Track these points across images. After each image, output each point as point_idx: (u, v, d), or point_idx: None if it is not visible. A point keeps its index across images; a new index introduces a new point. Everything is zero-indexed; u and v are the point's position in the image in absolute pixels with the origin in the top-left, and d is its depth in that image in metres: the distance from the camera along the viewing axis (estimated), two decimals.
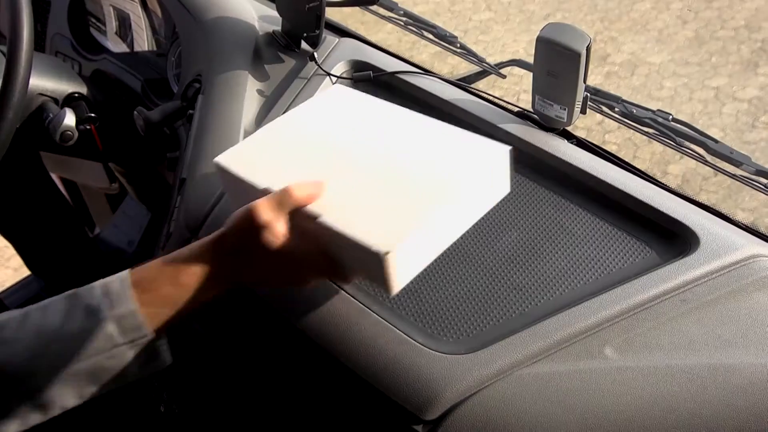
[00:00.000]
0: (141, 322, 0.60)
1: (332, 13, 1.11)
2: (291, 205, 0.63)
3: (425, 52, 3.15)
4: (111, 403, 1.10)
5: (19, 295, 1.66)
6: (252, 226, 0.62)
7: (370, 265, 0.60)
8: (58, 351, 0.58)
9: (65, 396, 0.60)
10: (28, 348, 0.58)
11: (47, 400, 0.59)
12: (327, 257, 0.65)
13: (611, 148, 2.53)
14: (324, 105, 0.80)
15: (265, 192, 0.66)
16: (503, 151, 0.68)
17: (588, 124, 2.64)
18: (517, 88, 2.84)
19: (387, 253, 0.58)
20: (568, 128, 0.92)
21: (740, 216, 2.22)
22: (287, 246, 0.63)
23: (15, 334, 0.59)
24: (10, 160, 1.22)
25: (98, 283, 0.62)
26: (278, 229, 0.62)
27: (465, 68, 1.17)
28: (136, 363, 0.62)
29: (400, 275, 0.61)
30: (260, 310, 0.78)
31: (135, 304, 0.60)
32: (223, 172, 0.72)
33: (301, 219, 0.64)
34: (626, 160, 0.89)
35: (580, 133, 2.77)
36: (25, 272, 1.65)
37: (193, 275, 0.62)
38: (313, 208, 0.63)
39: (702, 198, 2.28)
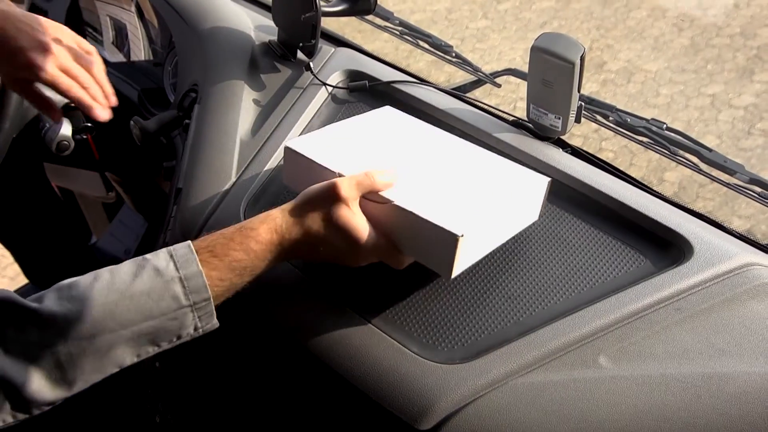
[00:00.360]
0: (205, 284, 0.63)
1: (329, 22, 1.12)
2: (370, 187, 0.68)
3: (422, 60, 3.16)
4: (107, 413, 1.10)
5: None
6: (332, 199, 0.66)
7: (436, 248, 0.67)
8: (126, 309, 0.60)
9: (125, 355, 0.61)
10: (98, 305, 0.59)
11: (109, 359, 0.60)
12: (387, 240, 0.69)
13: (608, 155, 2.53)
14: (375, 120, 0.86)
15: (340, 176, 0.71)
16: (543, 181, 0.76)
17: (584, 131, 2.64)
18: (514, 96, 2.85)
19: (462, 236, 0.64)
20: (563, 137, 0.92)
21: (736, 223, 2.23)
22: (359, 224, 0.67)
23: (86, 292, 0.60)
24: (10, 169, 1.22)
25: (164, 249, 0.64)
26: (355, 206, 0.67)
27: (462, 76, 1.18)
28: (192, 325, 0.64)
29: (461, 262, 0.67)
30: (255, 320, 0.78)
31: (200, 266, 0.63)
32: (295, 156, 0.76)
33: (372, 202, 0.69)
34: (621, 168, 0.89)
35: (577, 141, 2.75)
36: (22, 281, 1.65)
37: (262, 243, 0.66)
38: (386, 193, 0.69)
39: (699, 205, 2.29)
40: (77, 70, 0.78)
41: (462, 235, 0.64)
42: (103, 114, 0.83)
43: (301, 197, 0.69)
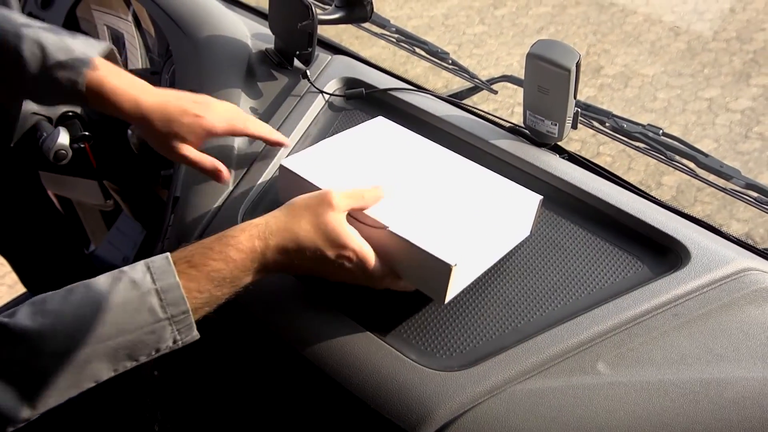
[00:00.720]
0: (182, 296, 0.61)
1: (326, 30, 1.12)
2: (360, 201, 0.69)
3: (420, 65, 3.17)
4: (105, 422, 1.09)
5: None
6: (323, 206, 0.67)
7: (430, 275, 0.68)
8: (101, 322, 0.59)
9: (101, 369, 0.60)
10: (71, 319, 0.58)
11: (84, 374, 0.59)
12: (373, 257, 0.68)
13: (605, 160, 2.54)
14: (368, 133, 0.86)
15: None
16: (534, 199, 0.77)
17: (582, 136, 2.65)
18: (512, 101, 2.86)
19: (455, 265, 0.65)
20: (560, 143, 0.92)
21: (735, 226, 2.23)
22: (347, 231, 0.67)
23: (60, 306, 0.59)
24: (7, 178, 1.22)
25: (142, 261, 0.63)
26: (344, 215, 0.68)
27: (459, 82, 1.18)
28: (171, 338, 0.62)
29: (454, 287, 0.68)
30: (254, 328, 0.78)
31: (177, 278, 0.62)
32: (289, 174, 0.78)
33: (366, 226, 0.69)
34: (619, 172, 0.90)
35: (575, 146, 2.75)
36: (21, 289, 1.65)
37: (243, 251, 0.65)
38: (380, 218, 0.70)
39: (697, 208, 2.29)
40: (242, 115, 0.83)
41: (455, 265, 0.65)
42: (287, 140, 0.89)
43: (287, 206, 0.69)
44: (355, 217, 0.72)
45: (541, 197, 0.77)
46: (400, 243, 0.68)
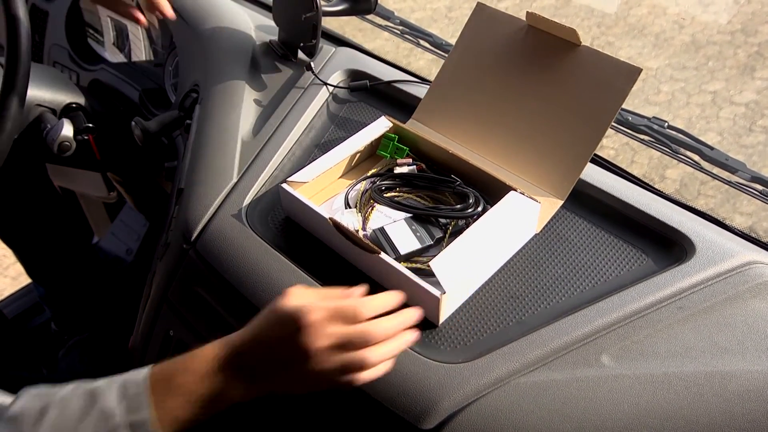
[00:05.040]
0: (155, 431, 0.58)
1: (330, 22, 1.11)
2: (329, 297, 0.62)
3: (423, 58, 3.16)
4: None
5: (18, 304, 1.66)
6: (277, 300, 0.61)
7: (420, 301, 0.69)
8: None
9: None
10: None
11: None
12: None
13: (609, 153, 2.53)
14: (369, 136, 0.87)
15: (330, 220, 0.74)
16: (535, 206, 0.76)
17: None
18: None
19: (444, 294, 0.67)
20: None
21: (738, 220, 2.22)
22: (302, 291, 0.61)
23: (31, 429, 0.57)
24: (13, 169, 1.23)
25: (118, 382, 0.60)
26: (299, 292, 0.62)
27: None
28: None
29: (447, 310, 0.71)
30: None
31: (150, 411, 0.58)
32: (288, 195, 0.79)
33: (360, 250, 0.70)
34: (622, 166, 0.89)
35: None
36: (24, 281, 1.65)
37: (204, 359, 0.60)
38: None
39: (700, 202, 2.28)
40: None
41: (444, 293, 0.67)
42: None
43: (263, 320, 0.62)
44: (348, 237, 0.73)
45: (540, 203, 0.76)
46: (390, 269, 0.70)
